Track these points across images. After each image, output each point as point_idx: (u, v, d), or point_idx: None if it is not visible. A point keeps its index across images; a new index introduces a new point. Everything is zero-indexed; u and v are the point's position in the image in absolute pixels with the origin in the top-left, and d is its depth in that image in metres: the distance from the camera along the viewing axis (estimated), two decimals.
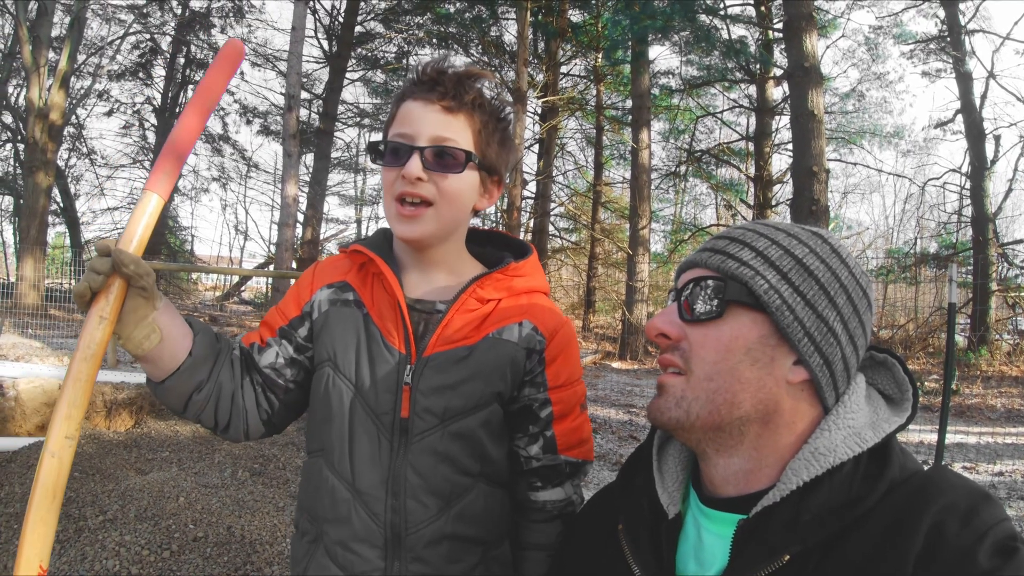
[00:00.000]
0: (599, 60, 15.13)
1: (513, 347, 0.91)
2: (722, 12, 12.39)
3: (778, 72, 13.09)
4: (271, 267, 16.44)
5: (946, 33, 12.95)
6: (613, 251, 16.83)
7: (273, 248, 19.20)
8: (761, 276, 0.67)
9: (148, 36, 16.85)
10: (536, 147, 17.51)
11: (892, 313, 13.86)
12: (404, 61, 15.25)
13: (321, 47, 15.45)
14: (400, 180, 0.88)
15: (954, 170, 13.80)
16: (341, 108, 15.65)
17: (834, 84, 14.68)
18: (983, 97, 12.57)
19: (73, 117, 16.30)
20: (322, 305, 0.95)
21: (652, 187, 13.76)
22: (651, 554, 0.71)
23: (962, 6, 12.51)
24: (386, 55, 15.80)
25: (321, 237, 15.22)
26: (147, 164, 19.04)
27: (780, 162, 16.29)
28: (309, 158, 16.60)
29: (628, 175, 15.27)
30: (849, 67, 16.18)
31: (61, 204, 16.36)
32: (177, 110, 18.13)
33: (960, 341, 10.91)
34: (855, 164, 16.31)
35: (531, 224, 16.04)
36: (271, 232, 25.84)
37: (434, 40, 14.15)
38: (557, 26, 13.13)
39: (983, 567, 0.53)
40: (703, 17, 11.55)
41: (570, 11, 13.70)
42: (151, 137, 18.89)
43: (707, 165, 16.36)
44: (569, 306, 18.22)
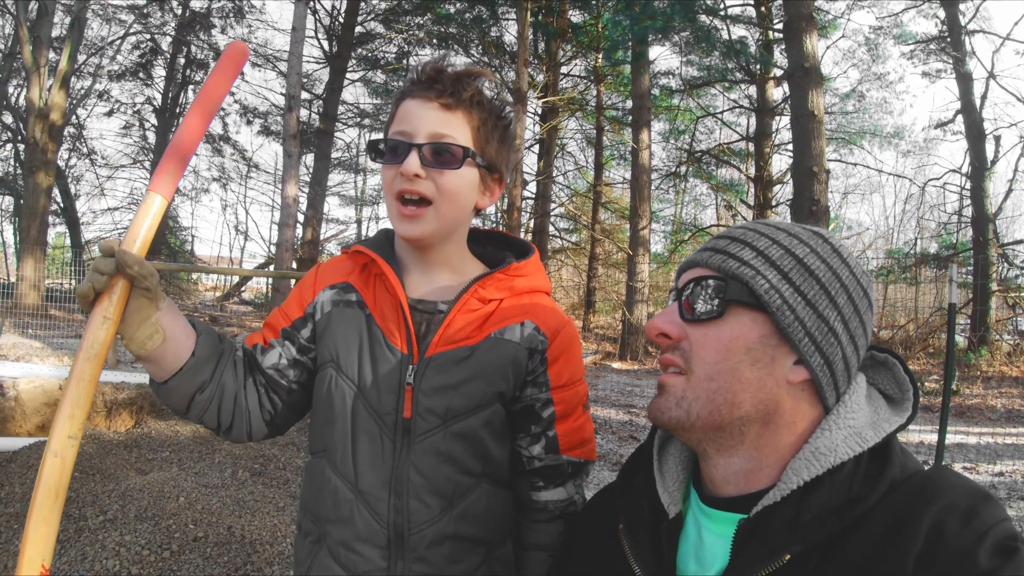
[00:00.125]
0: (599, 60, 15.12)
1: (515, 347, 0.91)
2: (722, 12, 12.38)
3: (778, 72, 13.08)
4: (271, 267, 16.42)
5: (946, 33, 12.94)
6: (613, 251, 16.83)
7: (273, 248, 19.18)
8: (762, 276, 0.67)
9: (148, 36, 16.87)
10: (536, 147, 17.51)
11: (892, 313, 13.86)
12: (404, 61, 15.27)
13: (321, 47, 15.48)
14: (399, 177, 0.88)
15: (954, 170, 13.79)
16: (341, 108, 15.67)
17: (834, 84, 14.68)
18: (983, 97, 12.57)
19: (73, 117, 16.30)
20: (325, 306, 0.95)
21: (652, 187, 13.76)
22: (651, 554, 0.71)
23: (962, 6, 12.51)
24: (386, 55, 15.83)
25: (321, 237, 15.24)
26: (147, 164, 19.05)
27: (780, 162, 16.32)
28: (309, 158, 16.63)
29: (628, 175, 15.28)
30: (849, 67, 16.19)
31: (61, 204, 16.34)
32: (177, 110, 18.15)
33: (960, 341, 10.90)
34: (855, 164, 16.30)
35: (531, 224, 16.01)
36: (271, 232, 25.83)
37: (434, 40, 14.16)
38: (557, 26, 13.13)
39: (983, 567, 0.53)
40: (703, 17, 11.55)
41: (570, 11, 13.69)
42: (151, 137, 18.94)
43: (707, 165, 16.34)
44: (569, 306, 18.20)
